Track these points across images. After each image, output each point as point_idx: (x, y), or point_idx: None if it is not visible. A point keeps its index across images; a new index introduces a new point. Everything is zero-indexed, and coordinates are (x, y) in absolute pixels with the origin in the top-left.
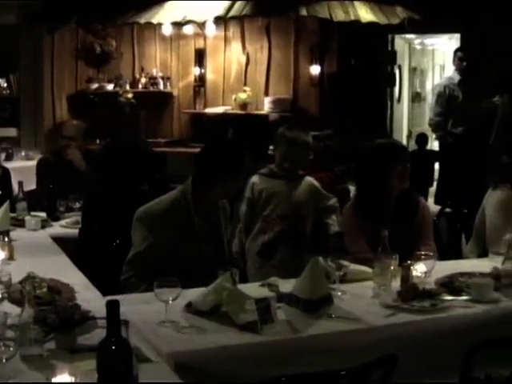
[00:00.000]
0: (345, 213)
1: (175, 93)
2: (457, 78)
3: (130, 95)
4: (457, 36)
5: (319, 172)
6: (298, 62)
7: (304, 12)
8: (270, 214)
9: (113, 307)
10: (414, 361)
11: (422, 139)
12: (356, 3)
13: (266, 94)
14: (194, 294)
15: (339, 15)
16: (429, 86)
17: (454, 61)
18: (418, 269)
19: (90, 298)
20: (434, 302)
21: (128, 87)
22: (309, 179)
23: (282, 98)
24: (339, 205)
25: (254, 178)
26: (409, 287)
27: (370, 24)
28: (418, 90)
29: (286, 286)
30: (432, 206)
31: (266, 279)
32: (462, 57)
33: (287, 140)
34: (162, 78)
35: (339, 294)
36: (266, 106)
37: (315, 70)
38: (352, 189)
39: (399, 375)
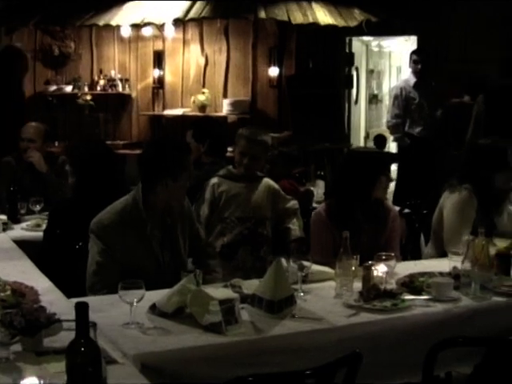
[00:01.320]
0: (315, 217)
1: (134, 95)
2: (413, 80)
3: (88, 97)
4: (413, 38)
5: (279, 180)
6: (256, 63)
7: (263, 14)
8: (230, 216)
9: (81, 309)
10: (377, 360)
11: (381, 141)
12: (314, 6)
13: (225, 95)
14: (158, 295)
15: (298, 18)
16: (386, 88)
17: (410, 63)
18: (379, 269)
19: (54, 300)
20: (395, 301)
21: (86, 89)
22: (267, 181)
23: (241, 100)
24: (305, 207)
25: (214, 180)
26: (370, 287)
27: (328, 26)
28: (375, 91)
29: (249, 286)
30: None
31: (227, 281)
32: (416, 59)
33: (245, 136)
34: (121, 80)
35: (302, 294)
36: (225, 107)
37: (274, 71)
38: (314, 190)
39: (362, 374)
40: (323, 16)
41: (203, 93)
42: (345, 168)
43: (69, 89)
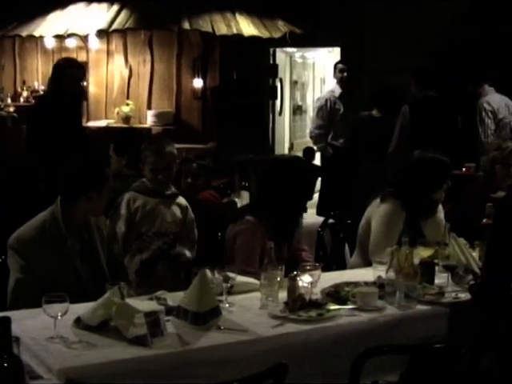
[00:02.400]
0: (247, 226)
1: None
2: (338, 90)
3: (11, 109)
4: (337, 49)
5: (200, 193)
6: (180, 75)
7: (187, 25)
8: (147, 231)
9: (3, 324)
10: (303, 370)
11: (309, 153)
12: (238, 17)
13: (149, 107)
14: (82, 309)
15: (222, 29)
16: (309, 99)
17: (334, 74)
18: (304, 279)
19: None
20: (321, 311)
21: (9, 101)
22: (181, 198)
23: (165, 112)
24: (229, 216)
25: (128, 195)
26: (295, 298)
27: (252, 37)
28: (299, 102)
29: (174, 298)
30: (315, 217)
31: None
32: (342, 69)
33: (154, 151)
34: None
35: (227, 305)
36: (149, 119)
37: (198, 83)
38: (239, 201)
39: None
40: (247, 27)
41: (127, 104)
42: (271, 176)
43: None
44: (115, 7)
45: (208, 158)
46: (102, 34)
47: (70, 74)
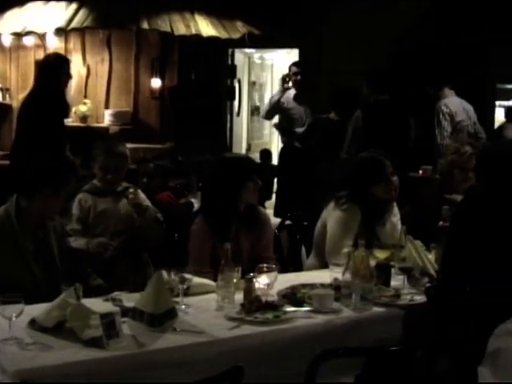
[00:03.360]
0: (195, 226)
1: (15, 105)
2: (292, 92)
3: None
4: (295, 51)
5: (157, 194)
6: (138, 74)
7: (145, 25)
8: (103, 232)
9: None
10: (260, 372)
11: (266, 154)
12: (197, 17)
13: (107, 106)
14: (37, 310)
15: (180, 29)
16: (267, 100)
17: (289, 75)
18: (261, 281)
19: None
20: (277, 313)
21: None
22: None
23: (123, 111)
24: (185, 217)
25: (81, 195)
26: (252, 299)
27: (211, 38)
28: (257, 103)
29: (130, 300)
30: (272, 218)
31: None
32: (296, 71)
33: (104, 150)
34: (1, 90)
35: (183, 307)
36: (107, 118)
37: (156, 82)
38: (194, 201)
39: None
40: (206, 27)
41: (85, 103)
42: (212, 176)
43: None
44: (74, 5)
45: (166, 158)
46: (60, 32)
47: (66, 70)
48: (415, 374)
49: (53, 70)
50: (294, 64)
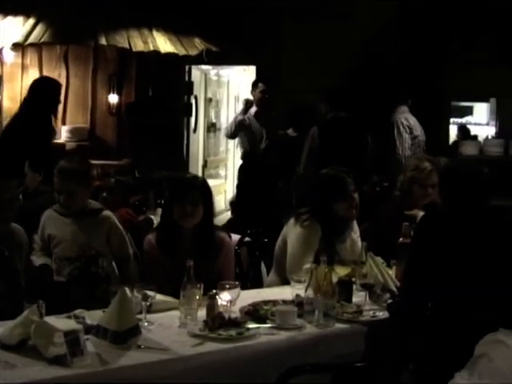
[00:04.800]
0: (146, 243)
1: None
2: (253, 109)
3: None
4: (252, 68)
5: (116, 209)
6: (95, 90)
7: (103, 41)
8: (58, 255)
9: None
10: None
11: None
12: (155, 33)
13: (64, 122)
14: (0, 327)
15: (138, 45)
16: (223, 117)
17: (253, 92)
18: (223, 298)
19: None
20: (240, 330)
21: None
22: (106, 214)
23: (80, 127)
24: (144, 235)
25: (47, 212)
26: (215, 316)
27: (169, 54)
28: (214, 120)
29: (93, 317)
30: (232, 235)
31: None
32: (264, 90)
33: (57, 171)
34: None
35: (146, 324)
36: (63, 134)
37: (113, 98)
38: (153, 218)
39: None
40: (164, 44)
41: None
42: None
43: None
44: (31, 21)
45: (128, 174)
46: (17, 47)
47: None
48: None
49: (46, 95)
50: (260, 81)
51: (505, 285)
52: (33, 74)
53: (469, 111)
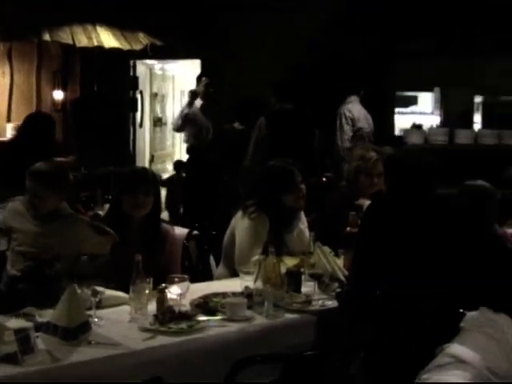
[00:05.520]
0: None
1: None
2: (198, 103)
3: None
4: (197, 62)
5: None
6: (40, 87)
7: (47, 37)
8: (18, 250)
9: None
10: (178, 382)
11: (179, 165)
12: (99, 28)
13: (9, 119)
14: None
15: (82, 41)
16: (169, 111)
17: (197, 86)
18: (173, 291)
19: None
20: (191, 323)
21: None
22: (80, 219)
23: None
24: None
25: (17, 204)
26: (165, 310)
27: (113, 50)
28: (159, 115)
29: (43, 314)
30: (180, 228)
31: None
32: (208, 83)
33: (27, 172)
34: None
35: (96, 320)
36: (9, 132)
37: (58, 95)
38: (102, 213)
39: None
40: (108, 39)
41: None
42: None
43: None
44: None
45: (75, 170)
46: None
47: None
48: (329, 378)
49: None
50: (205, 75)
51: (448, 274)
52: None
53: (413, 101)
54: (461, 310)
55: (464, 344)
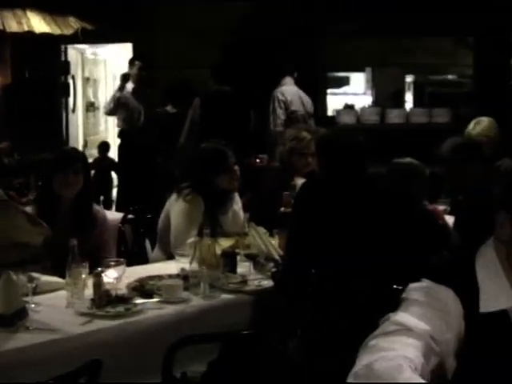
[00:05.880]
0: None
1: None
2: (130, 86)
3: None
4: (128, 45)
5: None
6: None
7: None
8: None
9: None
10: (116, 365)
11: (105, 147)
12: (29, 13)
13: None
14: None
15: (12, 26)
16: (102, 96)
17: (130, 70)
18: (109, 275)
19: None
20: (128, 306)
21: None
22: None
23: None
24: None
25: None
26: (102, 294)
27: (44, 35)
28: (92, 99)
29: None
30: (115, 213)
31: None
32: (140, 66)
33: None
34: None
35: (33, 305)
36: None
37: None
38: None
39: (105, 380)
40: (38, 24)
41: None
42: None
43: None
44: None
45: (9, 157)
46: None
47: None
48: (267, 357)
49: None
50: (137, 59)
51: (380, 251)
52: None
53: (346, 81)
54: (394, 287)
55: (408, 312)
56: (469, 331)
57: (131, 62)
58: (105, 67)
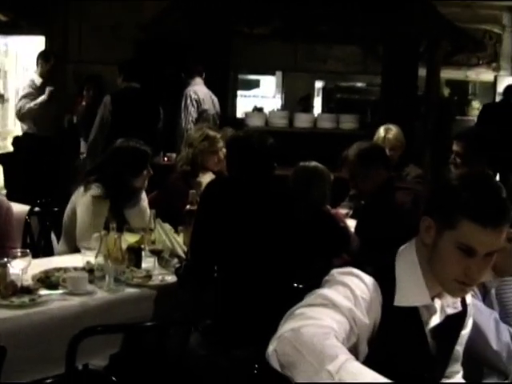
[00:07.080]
0: None
1: None
2: (38, 80)
3: None
4: (40, 38)
5: None
6: None
7: None
8: None
9: None
10: (20, 356)
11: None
12: None
13: None
14: None
15: None
16: (12, 88)
17: (37, 63)
18: (15, 266)
19: None
20: (33, 297)
21: None
22: None
23: None
24: None
25: None
26: (7, 284)
27: None
28: (2, 91)
29: None
30: (22, 205)
31: None
32: (49, 59)
33: None
34: None
35: None
36: None
37: None
38: None
39: (6, 372)
40: None
41: None
42: None
43: None
44: None
45: None
46: None
47: None
48: (169, 349)
49: None
50: (45, 52)
51: (279, 251)
52: None
53: (256, 84)
54: (295, 285)
55: (335, 290)
56: (383, 321)
57: (47, 57)
58: (16, 59)
